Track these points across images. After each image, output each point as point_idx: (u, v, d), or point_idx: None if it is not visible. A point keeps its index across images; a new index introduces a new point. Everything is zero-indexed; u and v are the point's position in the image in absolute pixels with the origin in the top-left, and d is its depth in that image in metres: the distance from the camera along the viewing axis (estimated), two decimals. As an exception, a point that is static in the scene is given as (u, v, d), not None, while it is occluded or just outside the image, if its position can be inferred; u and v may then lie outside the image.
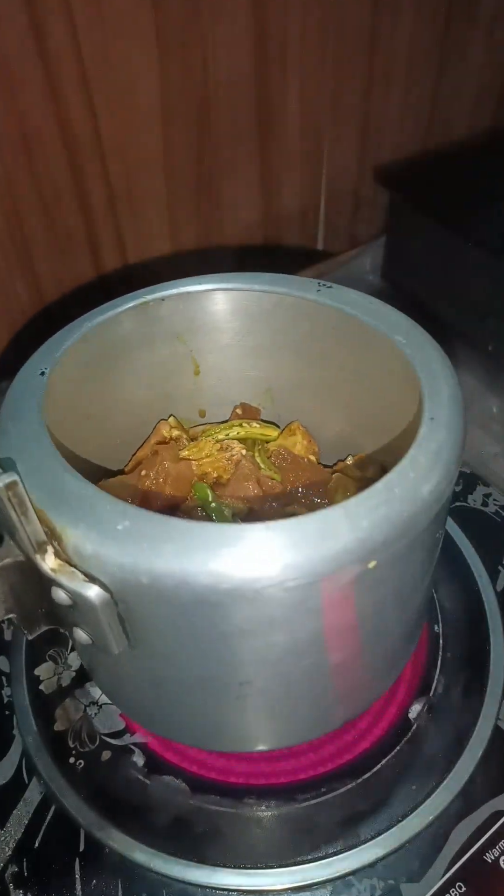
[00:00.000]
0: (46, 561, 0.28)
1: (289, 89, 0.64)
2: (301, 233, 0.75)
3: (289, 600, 0.27)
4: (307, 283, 0.40)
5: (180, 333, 0.42)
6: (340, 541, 0.27)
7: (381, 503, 0.27)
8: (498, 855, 0.37)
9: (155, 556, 0.26)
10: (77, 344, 0.37)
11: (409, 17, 0.67)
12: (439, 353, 0.35)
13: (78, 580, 0.27)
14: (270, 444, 0.44)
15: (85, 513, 0.27)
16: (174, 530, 0.27)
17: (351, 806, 0.39)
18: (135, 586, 0.27)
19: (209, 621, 0.28)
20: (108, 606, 0.28)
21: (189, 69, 0.57)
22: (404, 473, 0.29)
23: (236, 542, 0.26)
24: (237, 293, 0.41)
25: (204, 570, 0.26)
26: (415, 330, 0.36)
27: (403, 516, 0.28)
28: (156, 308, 0.40)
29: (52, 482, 0.29)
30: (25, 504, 0.27)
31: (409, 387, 0.34)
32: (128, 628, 0.29)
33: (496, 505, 0.53)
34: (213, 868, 0.37)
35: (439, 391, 0.32)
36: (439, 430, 0.30)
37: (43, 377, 0.34)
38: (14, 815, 0.40)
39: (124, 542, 0.26)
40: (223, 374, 0.45)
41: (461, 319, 0.66)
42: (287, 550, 0.26)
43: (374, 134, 0.73)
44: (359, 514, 0.27)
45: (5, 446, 0.31)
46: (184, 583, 0.26)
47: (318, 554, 0.26)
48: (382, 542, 0.27)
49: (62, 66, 0.51)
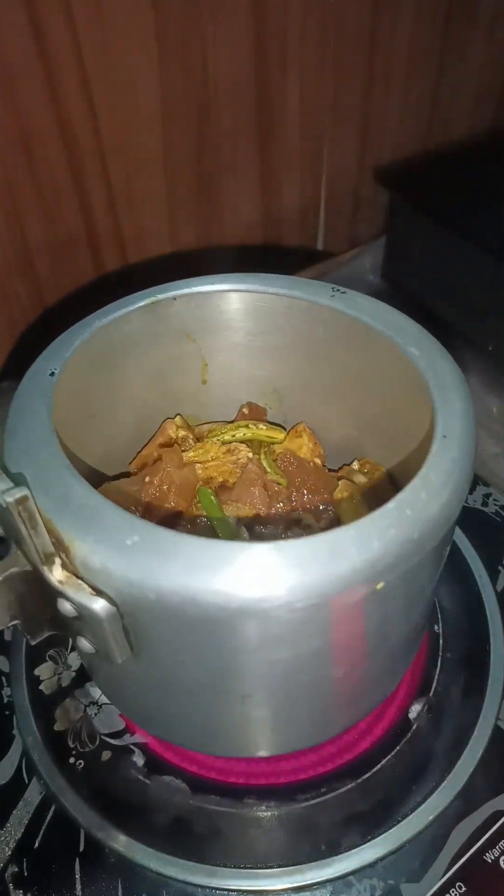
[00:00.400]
0: (54, 573, 0.28)
1: (289, 89, 0.64)
2: (301, 233, 0.75)
3: (295, 620, 0.27)
4: (321, 288, 0.39)
5: (190, 332, 0.42)
6: (350, 562, 0.26)
7: (391, 524, 0.27)
8: (498, 855, 0.37)
9: (163, 572, 0.26)
10: (86, 343, 0.36)
11: (409, 17, 0.67)
12: (453, 367, 0.34)
13: (84, 593, 0.27)
14: (276, 446, 0.44)
15: (94, 525, 0.27)
16: (183, 547, 0.26)
17: (351, 806, 0.39)
18: (141, 601, 0.26)
19: (214, 638, 0.28)
20: (113, 619, 0.27)
21: (189, 69, 0.57)
22: (416, 493, 0.28)
23: (244, 562, 0.26)
24: (250, 294, 0.40)
25: (212, 588, 0.26)
26: (428, 341, 0.35)
27: (414, 537, 0.27)
28: (167, 307, 0.40)
29: (61, 491, 0.28)
30: (35, 518, 0.27)
31: (421, 398, 0.33)
32: (132, 639, 0.29)
33: (496, 505, 0.53)
34: (213, 868, 0.37)
35: (452, 407, 0.32)
36: (451, 448, 0.30)
37: (52, 378, 0.34)
38: (14, 815, 0.40)
39: (133, 557, 0.26)
40: (231, 374, 0.45)
41: (461, 319, 0.66)
42: (295, 571, 0.26)
43: (374, 134, 0.73)
44: (370, 535, 0.27)
45: (14, 451, 0.30)
46: (191, 601, 0.26)
47: (327, 575, 0.26)
48: (392, 564, 0.27)
49: (62, 66, 0.51)
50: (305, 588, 0.26)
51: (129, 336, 0.39)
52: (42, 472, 0.29)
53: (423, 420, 0.33)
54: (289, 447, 0.43)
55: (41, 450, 0.30)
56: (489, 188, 0.68)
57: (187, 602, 0.26)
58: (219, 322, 0.42)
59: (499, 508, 0.53)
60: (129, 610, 0.27)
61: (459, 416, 0.32)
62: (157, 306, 0.39)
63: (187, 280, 0.40)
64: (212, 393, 0.46)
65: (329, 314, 0.39)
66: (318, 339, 0.40)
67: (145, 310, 0.39)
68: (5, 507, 0.26)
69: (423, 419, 0.33)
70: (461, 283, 0.66)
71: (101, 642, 0.29)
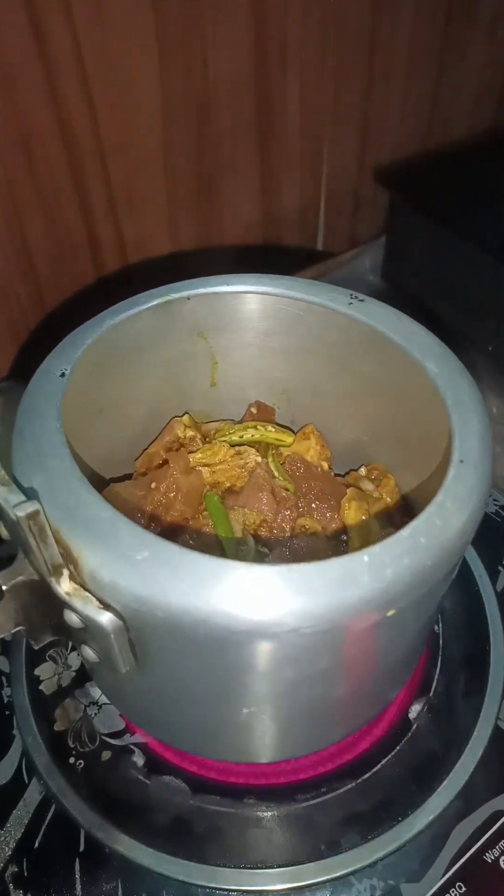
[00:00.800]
0: (61, 584, 0.28)
1: (289, 89, 0.64)
2: (301, 233, 0.75)
3: (303, 644, 0.27)
4: (340, 294, 0.39)
5: (203, 331, 0.42)
6: (361, 589, 0.26)
7: (405, 552, 0.27)
8: (498, 855, 0.37)
9: (173, 591, 0.26)
10: (97, 342, 0.36)
11: (409, 17, 0.67)
12: (471, 386, 0.34)
13: (92, 606, 0.27)
14: (284, 449, 0.44)
15: (104, 539, 0.27)
16: (194, 565, 0.26)
17: (351, 806, 0.39)
18: (149, 618, 0.26)
19: (220, 657, 0.28)
20: (119, 632, 0.27)
21: (189, 69, 0.57)
22: (431, 521, 0.28)
23: (255, 585, 0.26)
24: (267, 297, 0.40)
25: (221, 610, 0.25)
26: (446, 355, 0.35)
27: (427, 566, 0.27)
28: (180, 305, 0.39)
29: (72, 502, 0.28)
30: (45, 532, 0.26)
31: (436, 413, 0.33)
32: (137, 651, 0.29)
33: (496, 505, 0.53)
34: (213, 868, 0.37)
35: (470, 428, 0.31)
36: (469, 474, 0.29)
37: (63, 378, 0.33)
38: (14, 815, 0.40)
39: (143, 574, 0.26)
40: (242, 372, 0.44)
41: (461, 319, 0.66)
42: (306, 596, 0.26)
43: (374, 134, 0.73)
44: (382, 563, 0.26)
45: (24, 454, 0.30)
46: (200, 621, 0.26)
47: (338, 602, 0.26)
48: (404, 592, 0.27)
49: (62, 66, 0.51)
50: (315, 614, 0.26)
51: (139, 334, 0.39)
52: (52, 480, 0.29)
53: (437, 435, 0.33)
54: (296, 450, 0.43)
55: (51, 455, 0.30)
56: (489, 188, 0.68)
57: (196, 622, 0.26)
58: (232, 322, 0.41)
59: (499, 508, 0.53)
60: (136, 624, 0.27)
61: (477, 438, 0.31)
62: (170, 305, 0.39)
63: (201, 279, 0.40)
64: (221, 391, 0.45)
65: (345, 321, 0.38)
66: (332, 344, 0.40)
67: (158, 309, 0.39)
68: (15, 521, 0.26)
69: (436, 433, 0.33)
70: (461, 283, 0.66)
71: (105, 653, 0.29)
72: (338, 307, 0.38)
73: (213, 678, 0.29)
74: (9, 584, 0.28)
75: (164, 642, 0.28)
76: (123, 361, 0.39)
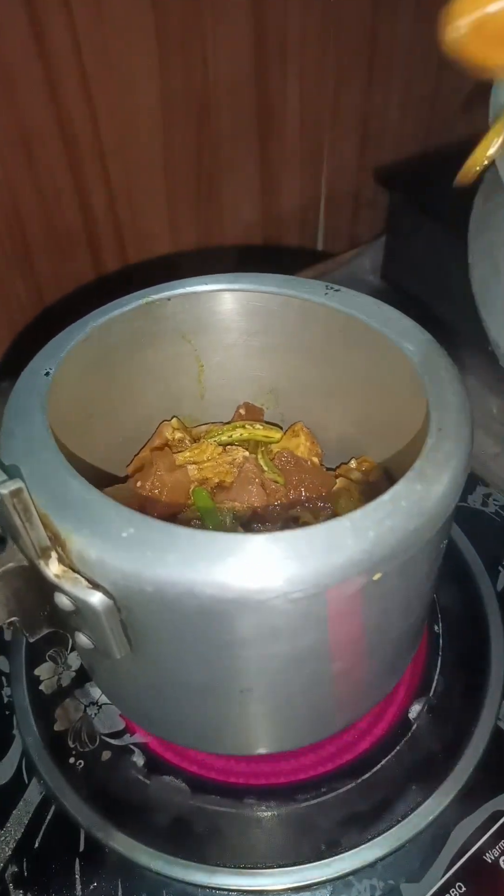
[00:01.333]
0: (50, 567, 0.28)
1: (289, 89, 0.64)
2: (301, 233, 0.75)
3: (293, 611, 0.27)
4: (315, 286, 0.39)
5: (185, 333, 0.42)
6: (346, 553, 0.26)
7: (387, 515, 0.27)
8: (498, 855, 0.37)
9: (159, 564, 0.26)
10: (81, 343, 0.36)
11: (409, 18, 0.67)
12: (447, 362, 0.34)
13: (81, 586, 0.27)
14: (273, 445, 0.44)
15: (90, 518, 0.27)
16: (179, 539, 0.26)
17: (351, 806, 0.39)
18: (138, 594, 0.26)
19: (212, 630, 0.28)
20: (110, 613, 0.27)
21: (189, 69, 0.57)
22: (411, 485, 0.28)
23: (241, 553, 0.26)
24: (245, 294, 0.40)
25: (208, 580, 0.26)
26: (423, 337, 0.36)
27: (409, 528, 0.27)
28: (161, 307, 0.40)
29: (57, 486, 0.28)
30: (30, 511, 0.27)
31: (416, 394, 0.33)
32: (130, 634, 0.29)
33: (496, 505, 0.53)
34: (213, 868, 0.37)
35: (447, 401, 0.32)
36: (447, 441, 0.30)
37: (47, 377, 0.34)
38: (14, 815, 0.40)
39: (129, 550, 0.26)
40: (227, 374, 0.45)
41: (461, 319, 0.66)
42: (292, 562, 0.26)
43: (374, 134, 0.73)
44: (365, 526, 0.27)
45: (10, 449, 0.30)
46: (188, 592, 0.26)
47: (324, 566, 0.26)
48: (388, 555, 0.27)
49: (62, 66, 0.51)
50: (302, 578, 0.26)
51: (124, 337, 0.39)
52: (38, 467, 0.29)
53: (420, 415, 0.33)
54: (286, 446, 0.43)
55: (37, 448, 0.30)
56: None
57: (184, 594, 0.26)
58: (213, 323, 0.42)
59: (499, 508, 0.53)
60: (127, 603, 0.27)
61: (454, 410, 0.32)
62: (151, 307, 0.39)
63: (182, 280, 0.40)
64: (209, 394, 0.46)
65: (323, 312, 0.39)
66: (313, 338, 0.40)
67: (140, 310, 0.39)
68: (0, 500, 0.26)
69: (419, 414, 0.33)
70: (461, 283, 0.66)
71: (99, 637, 0.29)
72: (314, 298, 0.39)
73: (207, 655, 0.30)
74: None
75: (156, 620, 0.28)
76: (111, 365, 0.39)
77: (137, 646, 0.29)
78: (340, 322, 0.38)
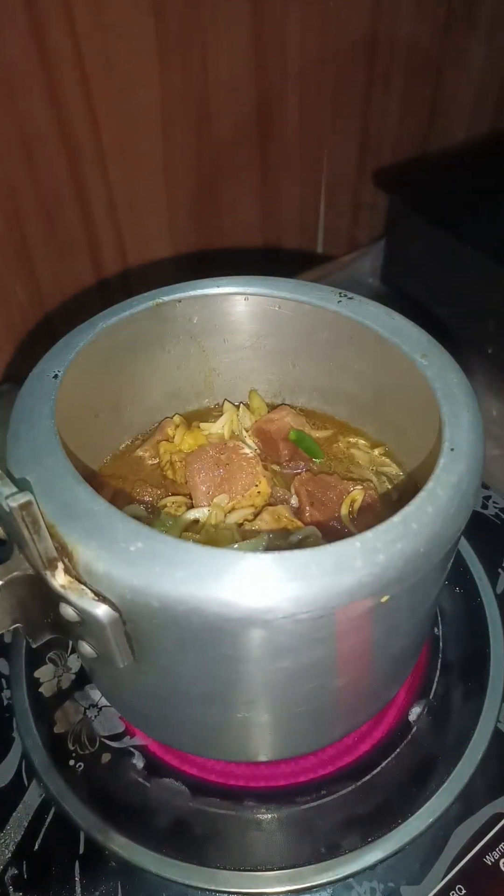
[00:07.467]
0: (56, 577, 0.28)
1: (288, 93, 0.64)
2: (301, 236, 0.76)
3: (298, 631, 0.27)
4: (328, 293, 0.39)
5: (195, 334, 0.42)
6: (355, 575, 0.26)
7: (397, 538, 0.27)
8: (498, 857, 0.37)
9: (167, 580, 0.26)
10: (90, 345, 0.36)
11: (409, 18, 0.67)
12: (461, 378, 0.34)
13: (87, 598, 0.27)
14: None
15: (98, 531, 0.27)
16: (188, 554, 0.26)
17: (351, 808, 0.39)
18: (145, 608, 0.26)
19: (217, 646, 0.28)
20: (116, 625, 0.27)
21: (189, 73, 0.57)
22: (422, 507, 0.28)
23: (250, 572, 0.26)
24: (255, 297, 0.40)
25: (215, 598, 0.26)
26: (436, 350, 0.35)
27: (420, 551, 0.27)
28: (171, 308, 0.40)
29: (65, 496, 0.28)
30: (39, 523, 0.27)
31: (428, 407, 0.33)
32: (134, 645, 0.29)
33: (496, 507, 0.53)
34: (213, 870, 0.37)
35: (460, 419, 0.32)
36: (459, 462, 0.30)
37: (56, 380, 0.34)
38: (14, 817, 0.40)
39: (136, 564, 0.26)
40: (235, 376, 0.45)
41: (460, 322, 0.66)
42: (300, 583, 0.26)
43: (374, 136, 0.73)
44: (375, 548, 0.27)
45: (18, 455, 0.30)
46: (195, 609, 0.26)
47: (332, 588, 0.26)
48: (397, 578, 0.27)
49: (63, 69, 0.51)
50: (310, 600, 0.26)
51: (133, 338, 0.39)
52: (46, 476, 0.29)
53: (430, 429, 0.33)
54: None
55: (45, 454, 0.30)
56: (488, 191, 0.68)
57: (191, 611, 0.26)
58: (223, 324, 0.42)
59: (499, 511, 0.53)
60: (132, 616, 0.27)
61: (467, 429, 0.31)
62: (161, 308, 0.39)
63: (192, 282, 0.40)
64: (216, 396, 0.46)
65: (336, 319, 0.38)
66: (324, 343, 0.40)
67: (149, 312, 0.39)
68: (8, 512, 0.26)
69: (430, 428, 0.33)
70: (460, 285, 0.66)
71: (102, 647, 0.29)
72: (327, 305, 0.38)
73: (211, 669, 0.30)
74: (4, 580, 0.28)
75: (161, 634, 0.28)
76: (119, 366, 0.39)
77: (141, 656, 0.29)
78: (353, 330, 0.38)
